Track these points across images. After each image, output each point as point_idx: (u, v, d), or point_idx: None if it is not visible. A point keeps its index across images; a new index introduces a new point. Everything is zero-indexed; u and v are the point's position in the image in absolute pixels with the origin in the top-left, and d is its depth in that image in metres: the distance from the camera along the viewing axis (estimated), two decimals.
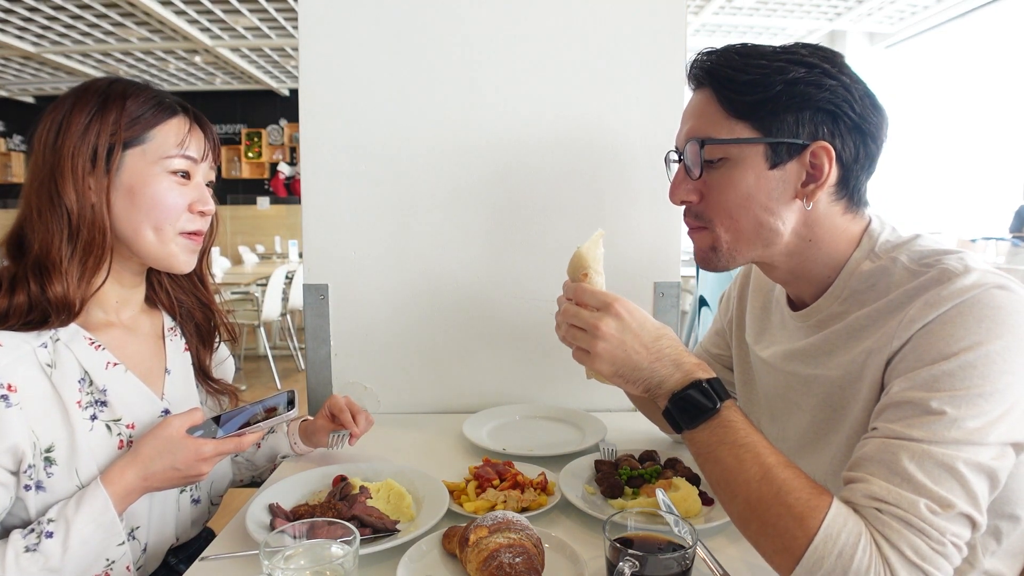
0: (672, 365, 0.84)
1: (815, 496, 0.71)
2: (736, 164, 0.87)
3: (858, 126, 0.84)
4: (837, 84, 0.83)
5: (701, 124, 0.90)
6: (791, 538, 0.70)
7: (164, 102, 1.01)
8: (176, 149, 1.00)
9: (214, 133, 1.08)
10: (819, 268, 0.91)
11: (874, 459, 0.72)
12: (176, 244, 1.03)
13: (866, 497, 0.71)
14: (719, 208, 0.89)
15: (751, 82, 0.84)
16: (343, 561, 0.77)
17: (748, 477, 0.75)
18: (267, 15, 6.57)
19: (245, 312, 5.83)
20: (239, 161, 10.16)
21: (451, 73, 1.50)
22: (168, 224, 1.00)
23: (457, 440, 1.40)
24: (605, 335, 0.85)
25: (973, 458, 0.69)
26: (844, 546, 0.68)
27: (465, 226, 1.55)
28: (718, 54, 0.89)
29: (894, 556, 0.67)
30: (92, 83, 1.00)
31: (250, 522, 0.97)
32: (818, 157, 0.84)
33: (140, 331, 1.10)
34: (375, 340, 1.58)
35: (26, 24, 6.82)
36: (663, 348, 0.85)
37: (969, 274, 0.76)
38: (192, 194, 1.03)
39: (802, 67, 0.83)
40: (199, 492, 1.15)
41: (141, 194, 0.98)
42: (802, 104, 0.83)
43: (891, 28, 7.76)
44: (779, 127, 0.84)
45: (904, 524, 0.68)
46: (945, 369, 0.72)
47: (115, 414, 0.99)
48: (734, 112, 0.86)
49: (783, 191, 0.86)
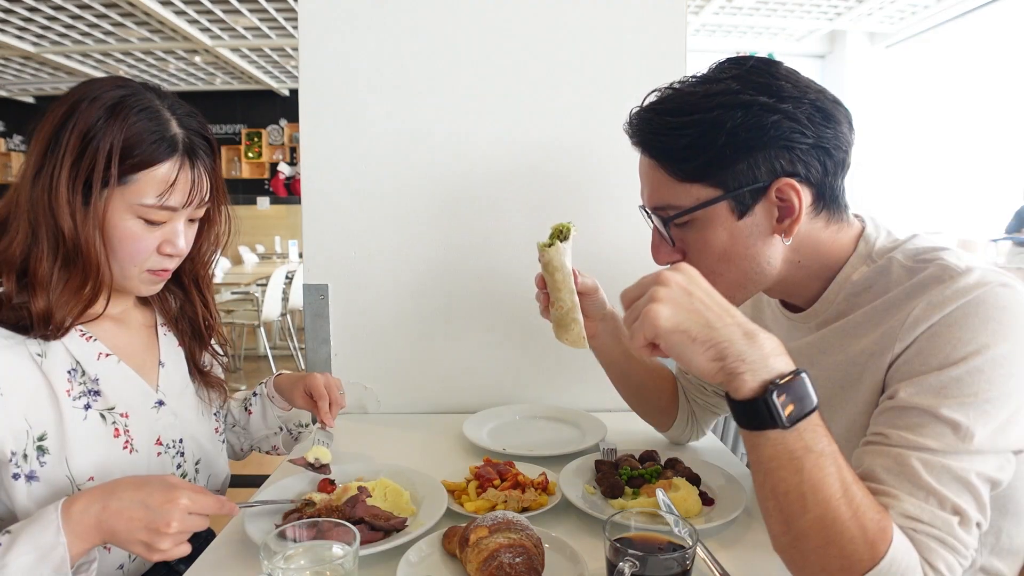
0: (748, 340, 0.68)
1: (884, 517, 0.68)
2: (705, 224, 0.85)
3: (815, 145, 0.80)
4: (780, 117, 0.78)
5: (657, 193, 0.87)
6: (857, 559, 0.66)
7: (164, 138, 0.94)
8: (156, 199, 0.94)
9: (210, 168, 1.01)
10: (812, 281, 0.90)
11: (893, 471, 0.71)
12: (139, 279, 1.00)
13: (901, 516, 0.69)
14: (702, 267, 0.80)
15: (691, 145, 0.81)
16: (343, 561, 0.77)
17: (830, 493, 0.66)
18: (267, 15, 6.57)
19: (245, 312, 5.84)
20: (239, 161, 10.16)
21: (451, 73, 1.50)
22: (133, 265, 0.98)
23: (457, 440, 1.40)
24: (668, 280, 0.71)
25: (983, 469, 0.70)
26: (905, 571, 0.66)
27: (465, 226, 1.55)
28: (648, 121, 0.86)
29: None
30: (98, 92, 0.93)
31: (249, 523, 0.97)
32: (784, 193, 0.81)
33: (132, 324, 1.09)
34: (375, 340, 1.58)
35: (26, 24, 6.82)
36: (737, 315, 0.71)
37: (971, 272, 0.75)
38: (163, 235, 0.99)
39: (738, 111, 0.78)
40: (197, 483, 1.13)
41: (111, 234, 0.94)
42: (750, 150, 0.79)
43: (891, 28, 7.77)
44: (735, 178, 0.81)
45: (940, 543, 0.68)
46: (953, 375, 0.71)
47: (109, 403, 0.99)
48: (684, 178, 0.84)
49: (759, 234, 0.84)
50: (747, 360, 0.67)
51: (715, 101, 0.80)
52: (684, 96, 0.83)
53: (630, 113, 0.89)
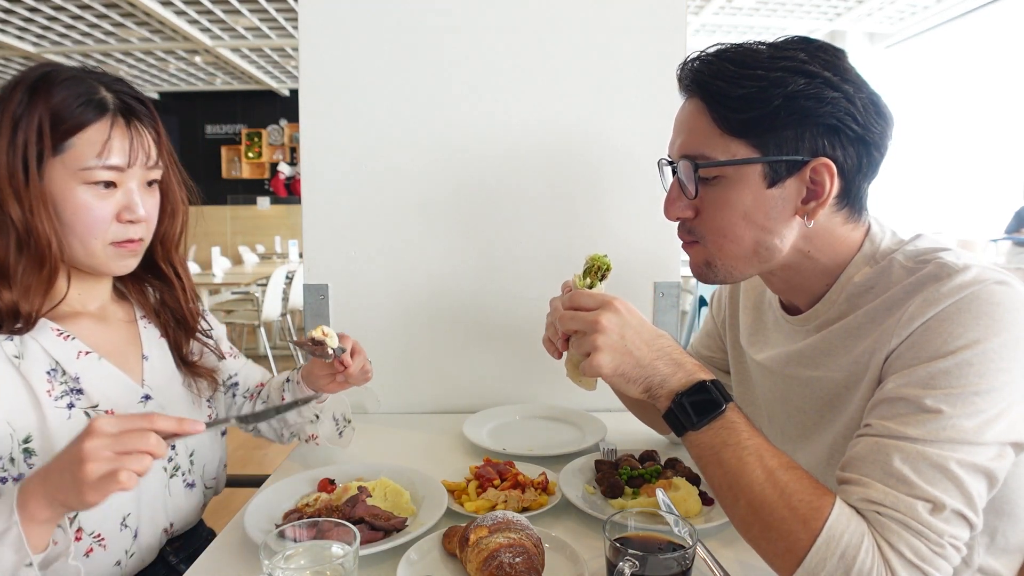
0: (673, 364, 0.82)
1: (818, 497, 0.71)
2: (732, 183, 0.83)
3: (861, 137, 0.80)
4: (839, 96, 0.78)
5: (694, 140, 0.85)
6: (794, 539, 0.70)
7: (91, 100, 0.93)
8: (95, 160, 0.92)
9: (152, 128, 0.99)
10: (817, 277, 0.89)
11: (867, 459, 0.72)
12: (106, 254, 0.97)
13: (864, 500, 0.71)
14: (713, 227, 0.86)
15: (746, 97, 0.79)
16: (343, 561, 0.77)
17: (752, 480, 0.74)
18: (267, 15, 6.57)
19: (245, 312, 5.84)
20: (239, 161, 10.15)
21: (451, 73, 1.50)
22: (93, 238, 0.95)
23: (457, 440, 1.40)
24: (606, 328, 0.82)
25: (968, 458, 0.69)
26: (847, 547, 0.68)
27: (465, 225, 1.55)
28: (709, 63, 0.83)
29: (895, 558, 0.67)
30: (22, 77, 0.93)
31: (249, 523, 0.97)
32: (819, 174, 0.80)
33: (111, 319, 1.07)
34: (375, 340, 1.58)
35: (26, 24, 6.82)
36: (664, 346, 0.83)
37: (968, 270, 0.75)
38: (119, 202, 0.96)
39: (802, 78, 0.78)
40: (192, 475, 1.12)
41: (62, 208, 0.93)
42: (802, 119, 0.78)
43: (891, 28, 7.77)
44: (777, 144, 0.80)
45: (903, 526, 0.68)
46: (942, 367, 0.71)
47: (92, 400, 0.97)
48: (729, 129, 0.81)
49: (782, 209, 0.83)
50: (666, 384, 0.81)
51: (780, 64, 0.79)
52: (750, 51, 0.82)
53: (685, 59, 0.87)
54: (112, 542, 0.98)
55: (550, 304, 0.95)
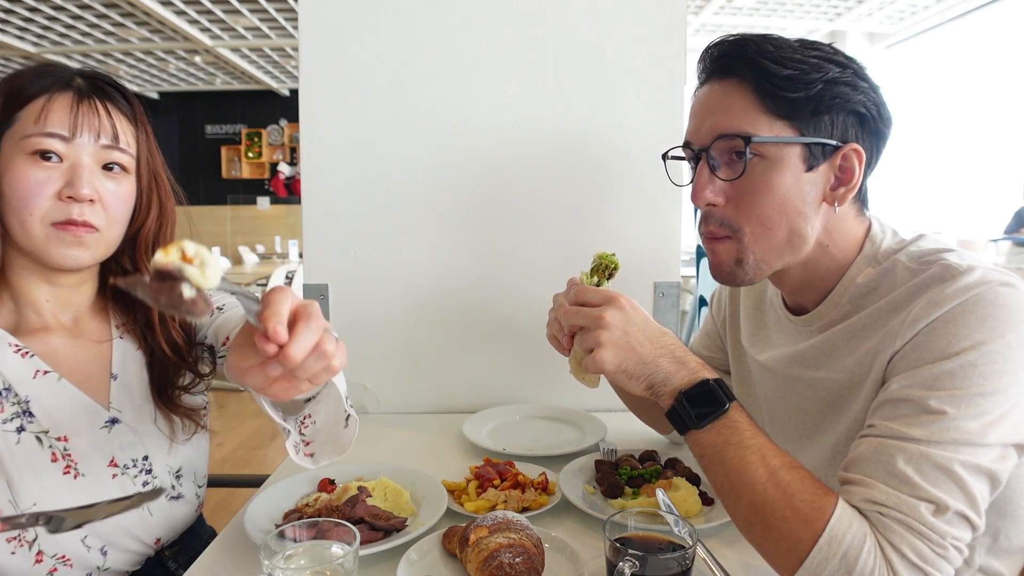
0: (677, 362, 0.82)
1: (820, 497, 0.71)
2: (773, 165, 0.81)
3: (878, 129, 0.84)
4: (868, 86, 0.82)
5: (733, 119, 0.82)
6: (796, 539, 0.70)
7: (50, 75, 0.90)
8: (33, 127, 0.86)
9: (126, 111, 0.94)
10: (826, 274, 0.89)
11: (870, 460, 0.72)
12: (46, 236, 0.88)
13: (866, 501, 0.71)
14: (751, 214, 0.83)
15: (792, 78, 0.79)
16: (343, 561, 0.77)
17: (754, 479, 0.74)
18: (267, 15, 6.57)
19: None
20: (239, 161, 10.15)
21: (451, 74, 1.50)
22: (28, 214, 0.87)
23: (457, 440, 1.40)
24: (609, 324, 0.82)
25: (971, 460, 0.69)
26: (849, 547, 0.68)
27: (465, 225, 1.55)
28: (753, 43, 0.81)
29: (897, 558, 0.67)
30: None
31: (249, 523, 0.97)
32: (849, 160, 0.82)
33: (85, 336, 0.99)
34: (375, 340, 1.58)
35: (26, 24, 6.82)
36: (667, 343, 0.84)
37: (973, 271, 0.75)
38: (61, 177, 0.88)
39: (836, 66, 0.80)
40: (179, 489, 1.06)
41: (3, 181, 0.88)
42: (839, 105, 0.80)
43: (891, 28, 7.77)
44: (816, 127, 0.81)
45: (906, 527, 0.68)
46: (946, 368, 0.71)
47: (42, 426, 0.90)
48: (775, 108, 0.80)
49: (815, 195, 0.83)
50: (669, 382, 0.81)
51: (813, 52, 0.81)
52: (780, 38, 0.83)
53: (712, 42, 0.85)
54: (79, 561, 0.94)
55: (553, 300, 0.95)
